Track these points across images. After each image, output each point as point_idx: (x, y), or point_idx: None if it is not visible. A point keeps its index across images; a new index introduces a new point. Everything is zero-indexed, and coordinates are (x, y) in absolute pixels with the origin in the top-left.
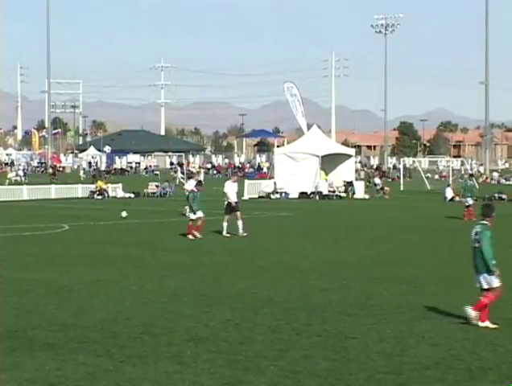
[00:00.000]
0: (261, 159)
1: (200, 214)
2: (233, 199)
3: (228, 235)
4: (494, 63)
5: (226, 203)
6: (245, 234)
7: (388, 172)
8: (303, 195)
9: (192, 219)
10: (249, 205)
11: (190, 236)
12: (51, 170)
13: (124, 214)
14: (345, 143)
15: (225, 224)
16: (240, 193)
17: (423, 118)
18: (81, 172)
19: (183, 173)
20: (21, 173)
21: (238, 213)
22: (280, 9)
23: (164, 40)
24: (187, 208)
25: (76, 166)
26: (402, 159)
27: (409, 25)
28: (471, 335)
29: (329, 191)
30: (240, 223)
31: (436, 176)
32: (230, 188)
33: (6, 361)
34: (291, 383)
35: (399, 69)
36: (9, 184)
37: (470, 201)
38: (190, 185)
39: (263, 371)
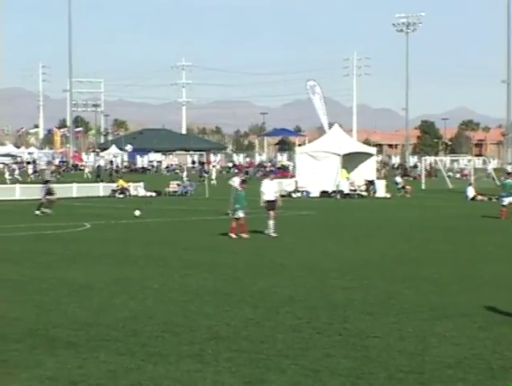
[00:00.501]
0: (282, 158)
1: (240, 214)
2: (267, 197)
3: (275, 235)
4: None
5: (266, 201)
6: (274, 235)
7: (409, 171)
8: (324, 193)
9: (236, 218)
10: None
11: (244, 235)
12: (52, 168)
13: (137, 213)
14: (367, 142)
15: (270, 222)
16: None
17: (444, 117)
18: (86, 170)
19: (205, 172)
20: (30, 172)
21: (273, 213)
22: (301, 8)
23: (186, 39)
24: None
25: (96, 165)
26: (423, 158)
27: (430, 23)
28: (492, 335)
29: (350, 190)
30: (271, 222)
31: (458, 175)
32: (268, 187)
33: (27, 359)
34: (312, 382)
35: (421, 68)
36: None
37: (509, 200)
38: (234, 182)
39: (284, 370)
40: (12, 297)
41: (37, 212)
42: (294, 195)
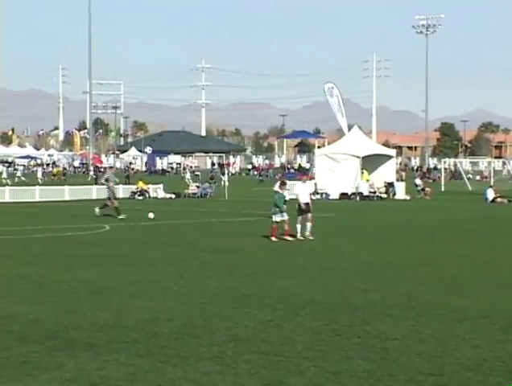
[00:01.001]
0: (301, 160)
1: (283, 216)
2: (302, 200)
3: (301, 237)
4: None
5: (298, 204)
6: (311, 237)
7: (429, 173)
8: (343, 195)
9: (275, 221)
10: (290, 205)
11: (273, 238)
12: (54, 170)
13: (151, 215)
14: (386, 144)
15: (298, 226)
16: None
17: (464, 119)
18: (91, 172)
19: (223, 174)
20: (19, 174)
21: (309, 215)
22: (321, 9)
23: (205, 41)
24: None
25: (117, 167)
26: (443, 160)
27: (450, 25)
28: None
29: (370, 192)
30: (309, 225)
31: (477, 177)
32: (301, 189)
33: (47, 361)
34: (331, 384)
35: (440, 69)
36: (1, 185)
37: None
38: (275, 186)
39: (304, 372)
40: (31, 298)
41: (121, 216)
42: (313, 197)
